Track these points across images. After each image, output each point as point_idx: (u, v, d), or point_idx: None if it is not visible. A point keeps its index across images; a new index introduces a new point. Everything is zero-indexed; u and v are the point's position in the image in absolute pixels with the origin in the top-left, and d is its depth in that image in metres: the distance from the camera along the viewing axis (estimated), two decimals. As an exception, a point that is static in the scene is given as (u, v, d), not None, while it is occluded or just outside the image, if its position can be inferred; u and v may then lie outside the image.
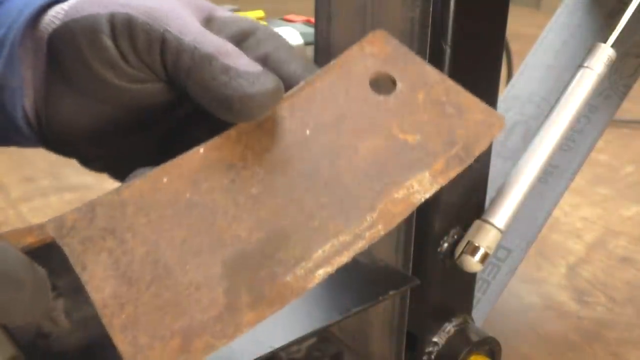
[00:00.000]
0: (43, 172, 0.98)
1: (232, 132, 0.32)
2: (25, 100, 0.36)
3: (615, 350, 0.63)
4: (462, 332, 0.46)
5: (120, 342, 0.27)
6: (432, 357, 0.45)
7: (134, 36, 0.33)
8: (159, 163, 0.31)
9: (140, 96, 0.35)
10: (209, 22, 0.36)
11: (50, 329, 0.37)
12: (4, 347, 0.38)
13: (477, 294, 0.53)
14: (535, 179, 0.42)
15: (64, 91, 0.36)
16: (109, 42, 0.33)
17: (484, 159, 0.44)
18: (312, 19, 0.72)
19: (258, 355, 0.35)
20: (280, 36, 0.37)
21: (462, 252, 0.41)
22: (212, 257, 0.28)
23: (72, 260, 0.29)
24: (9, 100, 0.36)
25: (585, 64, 0.43)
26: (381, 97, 0.32)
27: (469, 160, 0.30)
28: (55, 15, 0.35)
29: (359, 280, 0.41)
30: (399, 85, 0.32)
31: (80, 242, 0.29)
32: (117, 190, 0.30)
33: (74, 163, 0.40)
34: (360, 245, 0.28)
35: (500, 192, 0.42)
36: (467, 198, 0.43)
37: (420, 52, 0.40)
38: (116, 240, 0.29)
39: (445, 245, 0.43)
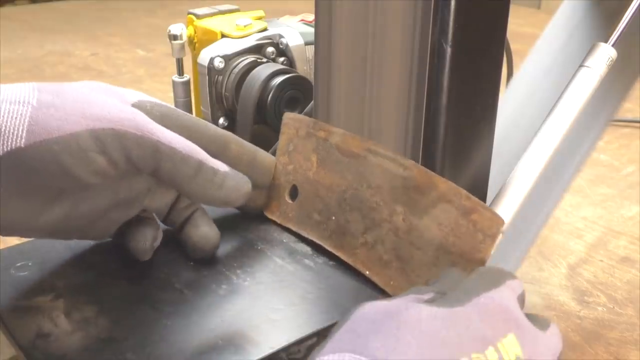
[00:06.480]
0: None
1: None
2: None
3: (615, 350, 0.63)
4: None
5: None
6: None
7: (127, 148, 0.37)
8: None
9: (120, 189, 0.40)
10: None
11: (50, 329, 0.36)
12: (4, 347, 0.38)
13: (478, 294, 0.52)
14: (536, 178, 0.42)
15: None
16: (98, 157, 0.36)
17: (484, 159, 0.44)
18: (307, 19, 0.73)
19: (259, 356, 0.35)
20: (182, 114, 0.43)
21: (462, 252, 0.41)
22: None
23: None
24: None
25: (586, 64, 0.43)
26: None
27: None
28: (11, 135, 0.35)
29: (358, 280, 0.41)
30: None
31: None
32: None
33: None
34: None
35: (501, 192, 0.42)
36: (467, 198, 0.43)
37: (422, 52, 0.40)
38: None
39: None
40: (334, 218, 0.43)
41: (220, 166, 0.41)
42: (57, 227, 0.39)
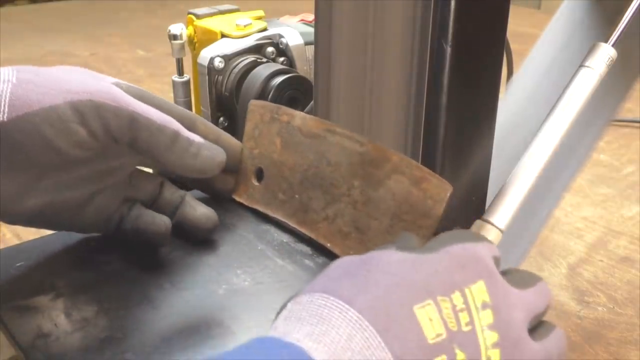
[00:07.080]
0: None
1: None
2: None
3: (615, 350, 0.63)
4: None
5: None
6: None
7: (105, 118, 0.38)
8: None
9: (103, 170, 0.41)
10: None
11: (50, 329, 0.36)
12: (4, 347, 0.38)
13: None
14: (536, 179, 0.41)
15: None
16: (79, 128, 0.37)
17: (484, 159, 0.44)
18: (307, 19, 0.73)
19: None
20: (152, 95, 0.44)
21: (462, 252, 0.41)
22: None
23: None
24: None
25: (586, 64, 0.43)
26: None
27: None
28: None
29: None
30: None
31: None
32: None
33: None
34: None
35: (501, 192, 0.42)
36: (467, 198, 0.43)
37: (421, 52, 0.40)
38: None
39: (446, 245, 0.43)
40: (297, 196, 0.45)
41: (195, 137, 0.42)
42: (45, 213, 0.40)
